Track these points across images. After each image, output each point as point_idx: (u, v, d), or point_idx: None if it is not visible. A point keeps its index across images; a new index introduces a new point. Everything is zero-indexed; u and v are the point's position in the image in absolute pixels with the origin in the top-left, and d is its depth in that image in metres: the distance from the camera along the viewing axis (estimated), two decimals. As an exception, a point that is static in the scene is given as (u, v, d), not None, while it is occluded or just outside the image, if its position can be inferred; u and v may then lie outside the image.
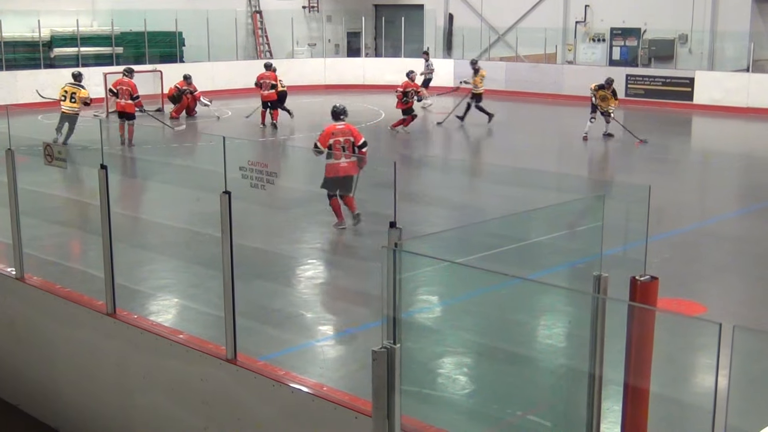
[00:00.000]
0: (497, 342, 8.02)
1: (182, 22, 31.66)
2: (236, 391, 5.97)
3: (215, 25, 31.98)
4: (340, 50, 38.01)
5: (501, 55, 34.34)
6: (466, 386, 7.65)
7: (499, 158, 19.90)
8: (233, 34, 33.53)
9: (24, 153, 8.03)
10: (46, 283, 7.78)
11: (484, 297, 8.67)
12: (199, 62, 31.30)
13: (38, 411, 7.82)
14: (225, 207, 5.89)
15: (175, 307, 9.94)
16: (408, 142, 22.50)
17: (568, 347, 7.05)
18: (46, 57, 29.52)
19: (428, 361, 7.62)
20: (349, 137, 13.07)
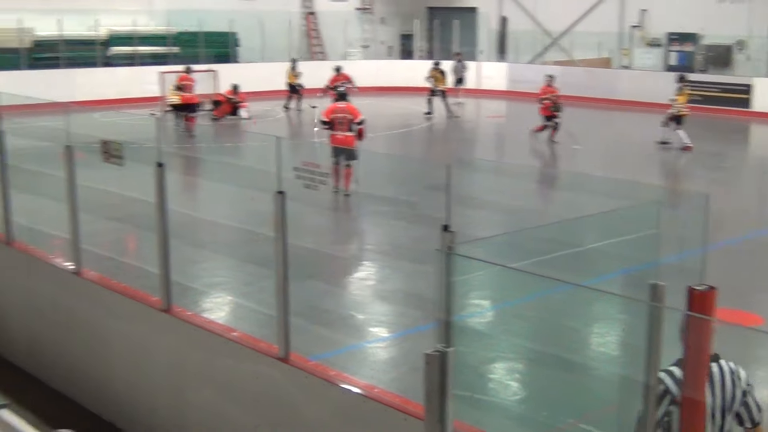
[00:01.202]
0: (549, 348, 7.97)
1: (237, 23, 31.96)
2: (288, 390, 6.01)
3: (269, 26, 32.21)
4: (393, 52, 38.04)
5: (555, 59, 34.10)
6: (518, 392, 7.61)
7: (554, 162, 19.76)
8: (287, 36, 33.74)
9: (82, 150, 8.14)
10: (103, 278, 7.89)
11: (537, 302, 8.63)
12: (253, 63, 31.56)
13: (93, 404, 7.93)
14: (279, 207, 5.93)
15: (228, 304, 10.03)
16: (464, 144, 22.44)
17: (622, 356, 6.98)
18: (103, 55, 29.97)
19: (480, 366, 7.60)
20: (347, 114, 15.48)
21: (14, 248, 8.83)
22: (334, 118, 15.47)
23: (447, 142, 23.63)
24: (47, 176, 13.39)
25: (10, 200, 8.89)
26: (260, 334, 6.87)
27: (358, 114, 15.61)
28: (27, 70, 27.88)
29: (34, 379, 8.58)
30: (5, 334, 9.10)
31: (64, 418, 7.58)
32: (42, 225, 11.06)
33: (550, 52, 35.06)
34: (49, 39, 28.95)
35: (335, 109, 15.67)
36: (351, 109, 15.71)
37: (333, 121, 15.43)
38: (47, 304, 8.45)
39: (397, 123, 25.87)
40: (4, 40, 28.23)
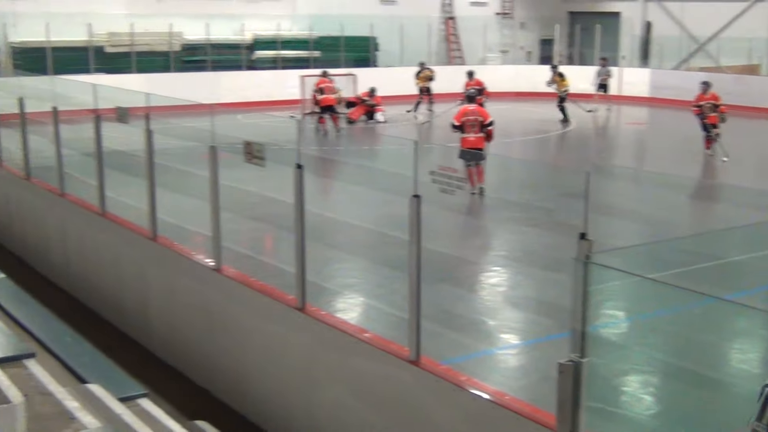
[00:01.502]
0: (686, 363, 7.73)
1: (377, 28, 32.32)
2: (418, 392, 6.02)
3: (409, 30, 32.44)
4: (532, 57, 37.68)
5: (700, 66, 33.02)
6: (651, 407, 7.40)
7: (697, 172, 19.15)
8: (426, 40, 33.89)
9: (225, 150, 8.37)
10: (242, 276, 8.10)
11: (675, 315, 8.39)
12: (392, 67, 31.82)
13: (228, 397, 8.16)
14: (414, 210, 5.95)
15: (360, 305, 10.13)
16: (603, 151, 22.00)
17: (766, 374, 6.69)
18: (247, 59, 30.84)
19: (613, 378, 7.44)
20: (478, 117, 15.76)
21: (159, 244, 9.16)
22: (465, 120, 15.71)
23: (585, 149, 23.21)
24: (191, 175, 13.88)
25: (156, 198, 9.23)
26: (391, 335, 6.91)
27: (488, 116, 15.91)
28: (176, 72, 28.94)
29: (174, 370, 8.89)
30: (148, 326, 9.47)
31: (200, 410, 7.81)
32: (185, 222, 11.45)
33: (696, 58, 33.98)
34: (197, 43, 30.02)
35: (466, 112, 15.91)
36: (481, 112, 16.05)
37: (464, 124, 15.68)
38: (188, 299, 8.74)
39: (534, 129, 25.61)
40: (156, 44, 29.43)
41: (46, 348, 6.96)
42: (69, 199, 11.23)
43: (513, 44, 36.83)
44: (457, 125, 15.75)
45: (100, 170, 10.30)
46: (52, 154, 11.59)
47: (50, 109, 11.39)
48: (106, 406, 5.65)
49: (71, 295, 11.07)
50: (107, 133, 10.35)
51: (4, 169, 13.38)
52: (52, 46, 27.19)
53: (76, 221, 11.05)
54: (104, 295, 10.40)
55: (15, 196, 13.02)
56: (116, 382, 6.54)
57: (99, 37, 28.58)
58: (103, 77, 24.93)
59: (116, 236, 10.05)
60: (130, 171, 11.80)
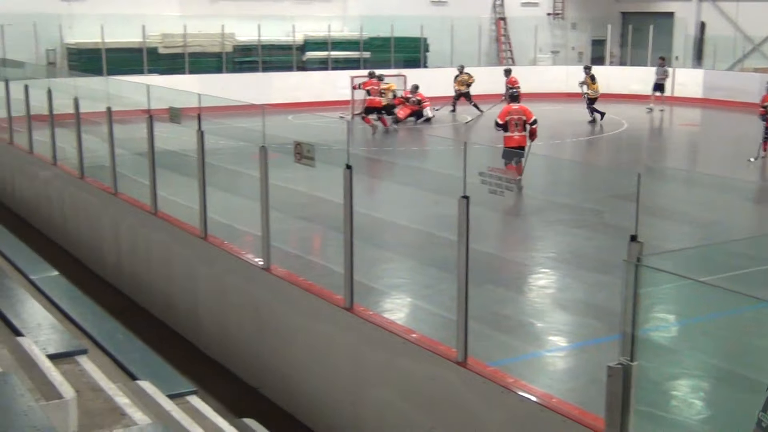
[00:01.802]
0: (738, 368, 7.61)
1: (427, 28, 32.29)
2: (464, 394, 6.01)
3: (459, 31, 32.38)
4: (584, 58, 37.37)
5: (755, 66, 32.47)
6: (702, 411, 7.31)
7: (750, 174, 18.84)
8: (476, 41, 33.79)
9: (275, 150, 8.43)
10: (290, 275, 8.14)
11: (727, 319, 8.27)
12: (442, 68, 31.77)
13: (276, 395, 8.22)
14: (463, 211, 5.94)
15: (408, 306, 10.14)
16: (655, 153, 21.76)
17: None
18: (298, 60, 31.01)
19: (662, 382, 7.35)
20: (521, 116, 15.94)
21: (209, 243, 9.26)
22: (510, 119, 15.91)
23: (636, 150, 22.96)
24: (242, 175, 14.00)
25: (207, 197, 9.32)
26: (438, 336, 6.90)
27: (532, 115, 16.07)
28: (228, 73, 29.20)
29: (222, 368, 8.97)
30: (197, 324, 9.57)
31: (248, 408, 7.88)
32: (235, 221, 11.55)
33: (750, 59, 33.43)
34: (249, 44, 30.26)
35: (510, 111, 16.09)
36: (525, 110, 16.14)
37: (508, 122, 15.87)
38: (237, 297, 8.81)
39: (585, 130, 25.39)
40: (208, 45, 29.73)
41: (98, 345, 7.07)
42: (122, 199, 11.39)
43: (564, 45, 36.56)
44: (501, 123, 15.93)
45: (153, 170, 10.43)
46: (106, 153, 11.76)
47: (104, 109, 11.56)
48: (155, 402, 5.73)
49: (123, 293, 11.23)
50: (159, 133, 10.48)
51: (59, 168, 13.61)
52: (107, 48, 27.61)
53: (129, 220, 11.20)
54: (155, 293, 10.53)
55: (69, 195, 13.23)
56: (166, 379, 6.63)
57: (153, 39, 28.94)
58: (157, 78, 25.27)
59: (167, 235, 10.17)
60: (181, 171, 11.95)
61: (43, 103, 13.57)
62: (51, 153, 13.77)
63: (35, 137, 14.70)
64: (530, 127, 15.93)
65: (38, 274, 8.61)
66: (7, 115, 15.81)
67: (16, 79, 15.79)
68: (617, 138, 24.32)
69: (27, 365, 5.22)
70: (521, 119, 15.92)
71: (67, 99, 12.92)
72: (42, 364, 5.22)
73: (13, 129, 15.77)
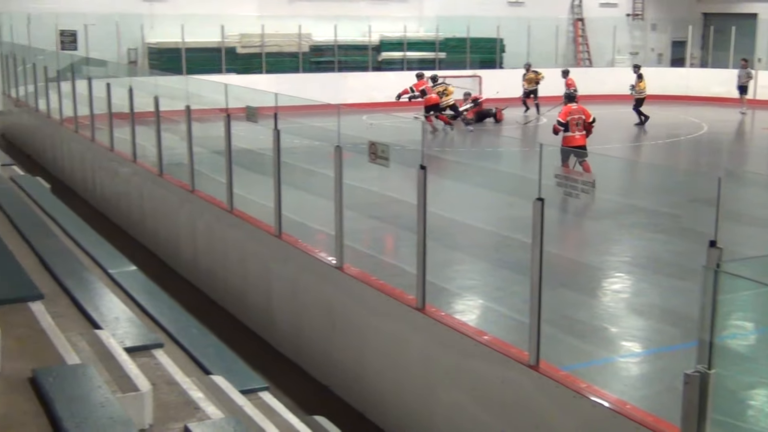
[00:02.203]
0: (821, 379, 7.39)
1: (504, 29, 32.10)
2: (536, 397, 5.96)
3: (536, 32, 32.13)
4: (663, 60, 36.74)
5: None
6: (781, 423, 7.11)
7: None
8: (553, 41, 33.47)
9: (349, 150, 8.46)
10: (363, 274, 8.16)
11: (809, 329, 8.03)
12: (518, 69, 31.57)
13: (346, 394, 8.25)
14: (537, 214, 5.89)
15: (479, 308, 10.10)
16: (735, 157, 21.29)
17: None
18: (374, 60, 31.11)
19: (740, 391, 7.18)
20: (581, 115, 16.29)
21: (283, 241, 9.34)
22: (571, 119, 16.20)
23: (716, 154, 22.50)
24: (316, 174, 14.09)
25: (281, 195, 9.40)
26: (510, 339, 6.85)
27: (590, 114, 16.46)
28: (304, 73, 29.44)
29: (294, 365, 9.04)
30: (270, 321, 9.67)
31: (319, 406, 7.93)
32: (308, 220, 11.63)
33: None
34: (325, 44, 30.47)
35: (571, 111, 16.32)
36: (584, 110, 16.48)
37: (569, 122, 16.15)
38: (310, 296, 8.87)
39: (664, 133, 24.96)
40: (285, 45, 30.04)
41: (174, 339, 7.18)
42: (199, 196, 11.57)
43: (643, 46, 35.99)
44: (563, 123, 16.14)
45: (229, 168, 10.57)
46: (184, 151, 11.96)
47: (183, 107, 11.75)
48: (228, 397, 5.79)
49: (198, 288, 11.40)
50: (236, 131, 10.61)
51: (138, 165, 13.88)
52: (186, 47, 28.09)
53: (205, 217, 11.37)
54: (230, 289, 10.67)
55: (148, 191, 13.48)
56: (239, 375, 6.69)
57: (231, 38, 29.35)
58: (234, 77, 25.61)
59: (242, 233, 10.30)
60: (257, 169, 12.07)
61: (124, 102, 13.85)
62: (131, 150, 14.05)
63: (116, 135, 15.01)
64: (590, 126, 16.30)
65: (117, 269, 8.77)
66: (89, 112, 16.18)
67: (98, 78, 16.15)
68: (696, 141, 23.85)
69: (105, 358, 5.33)
70: (581, 119, 16.23)
71: (147, 97, 13.17)
72: (119, 357, 5.33)
73: (95, 127, 16.14)
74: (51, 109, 19.46)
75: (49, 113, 19.61)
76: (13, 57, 23.47)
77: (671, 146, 23.47)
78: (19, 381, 4.73)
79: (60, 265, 7.58)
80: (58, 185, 16.61)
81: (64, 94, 18.06)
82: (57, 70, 18.99)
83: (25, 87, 22.34)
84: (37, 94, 20.60)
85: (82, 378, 4.65)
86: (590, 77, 30.67)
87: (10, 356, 4.99)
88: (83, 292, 6.94)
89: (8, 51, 24.26)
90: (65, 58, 20.47)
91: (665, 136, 24.52)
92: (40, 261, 7.74)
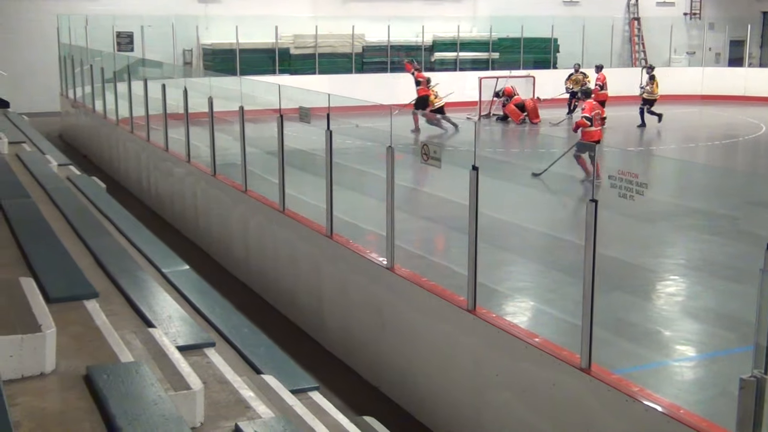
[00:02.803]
0: None
1: (558, 29, 31.86)
2: (588, 401, 5.90)
3: (591, 31, 31.82)
4: (721, 59, 36.16)
5: None
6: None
7: None
8: (609, 41, 33.13)
9: (401, 151, 8.46)
10: (413, 275, 8.16)
11: None
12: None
13: (396, 394, 8.25)
14: (591, 215, 5.83)
15: (530, 310, 10.03)
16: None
17: None
18: (427, 61, 31.06)
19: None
20: (598, 111, 17.23)
21: (334, 241, 9.37)
22: (595, 114, 17.06)
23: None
24: (367, 174, 14.11)
25: (332, 196, 9.43)
26: (561, 341, 6.79)
27: (603, 111, 17.86)
28: (357, 74, 29.51)
29: (344, 365, 9.07)
30: (321, 321, 9.70)
31: (368, 406, 7.93)
32: (359, 220, 11.65)
33: None
34: (378, 44, 30.51)
35: (593, 106, 17.25)
36: (599, 106, 17.73)
37: (594, 117, 16.96)
38: (360, 296, 8.89)
39: (721, 134, 24.57)
40: (339, 46, 30.14)
41: (225, 338, 7.22)
42: (251, 196, 11.65)
43: (700, 45, 35.46)
44: (589, 117, 16.83)
45: (282, 168, 10.63)
46: (237, 151, 12.05)
47: (236, 108, 11.85)
48: (279, 397, 5.81)
49: (250, 288, 11.48)
50: (289, 132, 10.67)
51: (192, 165, 14.02)
52: (241, 48, 28.33)
53: (258, 217, 11.45)
54: (281, 289, 10.73)
55: (201, 191, 13.61)
56: (289, 374, 6.71)
57: (285, 39, 29.53)
58: (287, 78, 25.77)
59: (294, 233, 10.35)
60: (309, 170, 12.13)
61: (178, 102, 14.01)
62: (185, 150, 14.20)
63: (171, 135, 15.19)
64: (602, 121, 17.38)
65: (170, 268, 8.85)
66: (145, 113, 16.39)
67: (153, 79, 16.36)
68: (755, 142, 23.43)
69: (158, 356, 5.39)
70: (599, 114, 17.18)
71: (201, 98, 13.31)
72: (172, 355, 5.38)
73: (150, 127, 16.35)
74: (107, 110, 19.76)
75: (105, 114, 19.92)
76: (71, 58, 23.87)
77: (729, 147, 23.09)
78: (73, 378, 4.79)
79: (114, 263, 7.68)
80: (114, 185, 16.86)
81: (121, 95, 18.32)
82: (114, 71, 19.26)
83: (82, 88, 22.72)
84: (94, 95, 20.93)
85: (135, 376, 4.70)
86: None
87: (66, 354, 5.06)
88: (137, 291, 7.02)
89: (66, 53, 24.69)
90: (122, 59, 20.76)
91: (723, 137, 24.13)
92: (95, 260, 7.84)
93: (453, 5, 32.51)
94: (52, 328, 4.89)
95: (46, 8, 27.33)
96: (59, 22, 25.71)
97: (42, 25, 27.25)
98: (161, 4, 28.32)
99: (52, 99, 26.55)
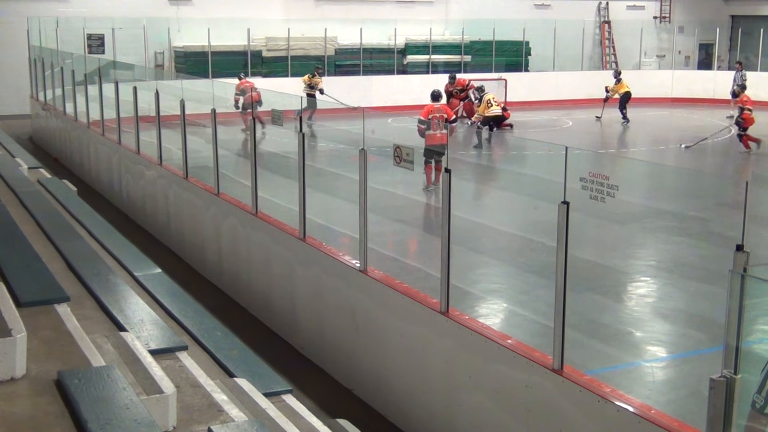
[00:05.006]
0: None
1: (530, 32, 32.02)
2: (560, 402, 5.93)
3: (562, 34, 32.01)
4: (691, 62, 36.50)
5: None
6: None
7: None
8: (580, 44, 33.34)
9: (374, 153, 8.46)
10: (387, 278, 8.16)
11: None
12: (544, 72, 31.50)
13: (369, 397, 8.25)
14: (563, 217, 5.86)
15: (503, 311, 10.06)
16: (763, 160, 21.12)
17: None
18: (399, 63, 31.11)
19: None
20: (443, 114, 16.58)
21: (307, 244, 9.36)
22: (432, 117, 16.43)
23: (743, 158, 22.27)
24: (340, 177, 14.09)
25: (305, 199, 9.41)
26: (533, 343, 6.83)
27: (452, 114, 17.85)
28: (329, 76, 29.49)
29: (317, 368, 9.05)
30: (294, 324, 9.68)
31: (342, 409, 7.93)
32: (332, 223, 11.63)
33: None
34: (350, 47, 30.51)
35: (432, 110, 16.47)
36: (445, 109, 17.33)
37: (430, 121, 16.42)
38: (333, 299, 8.88)
39: (691, 136, 24.76)
40: (311, 48, 30.10)
41: (198, 341, 7.21)
42: (224, 199, 11.61)
43: (670, 49, 35.76)
44: (424, 121, 16.05)
45: (254, 171, 10.59)
46: (209, 154, 12.01)
47: (209, 111, 11.81)
48: (252, 400, 5.81)
49: (223, 291, 11.44)
50: (261, 134, 10.64)
51: (164, 168, 13.95)
52: (213, 51, 28.22)
53: (230, 220, 11.41)
54: (254, 292, 10.70)
55: (173, 194, 13.54)
56: (262, 378, 6.71)
57: (257, 42, 29.45)
58: (260, 81, 25.71)
59: (267, 236, 10.32)
60: (281, 172, 12.10)
61: (150, 105, 13.94)
62: (157, 153, 14.13)
63: (142, 138, 15.10)
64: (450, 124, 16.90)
65: (142, 271, 8.82)
66: (116, 116, 16.29)
67: (125, 81, 16.26)
68: (724, 144, 23.64)
69: (130, 360, 5.36)
70: (442, 117, 16.43)
71: (173, 101, 13.24)
72: (144, 359, 5.36)
73: (121, 130, 16.25)
74: (78, 112, 19.62)
75: (76, 116, 19.77)
76: (41, 61, 23.68)
77: (698, 149, 23.28)
78: (44, 383, 4.76)
79: (86, 267, 7.64)
80: (85, 188, 16.75)
81: (91, 97, 18.20)
82: (84, 73, 19.13)
83: (53, 90, 22.54)
84: (65, 98, 20.77)
85: (106, 380, 4.68)
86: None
87: (36, 358, 5.03)
88: (108, 295, 6.99)
89: (36, 55, 24.49)
90: (92, 61, 20.61)
91: (692, 140, 24.33)
92: (66, 263, 7.80)
93: (425, 8, 32.59)
94: (22, 332, 4.85)
95: (17, 10, 27.07)
96: (29, 24, 25.49)
97: (12, 27, 26.98)
98: (132, 6, 28.16)
99: (22, 101, 26.33)
